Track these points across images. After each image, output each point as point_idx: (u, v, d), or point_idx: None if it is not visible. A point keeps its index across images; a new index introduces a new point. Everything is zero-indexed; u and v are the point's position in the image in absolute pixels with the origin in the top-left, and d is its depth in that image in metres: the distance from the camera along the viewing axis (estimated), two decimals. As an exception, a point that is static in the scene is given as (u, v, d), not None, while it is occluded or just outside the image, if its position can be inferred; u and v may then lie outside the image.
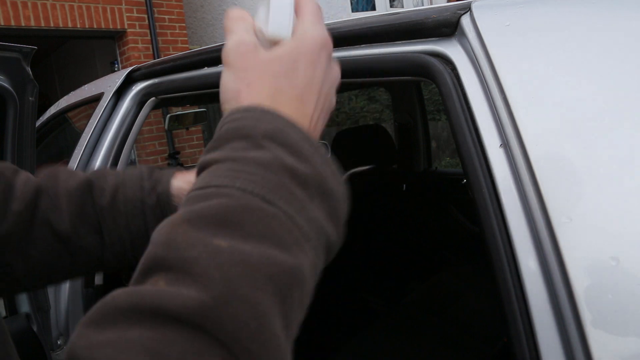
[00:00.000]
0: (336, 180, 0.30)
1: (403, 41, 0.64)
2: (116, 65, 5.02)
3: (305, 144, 0.29)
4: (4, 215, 0.48)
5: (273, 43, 0.33)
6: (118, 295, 0.22)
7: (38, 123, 1.68)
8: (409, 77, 0.63)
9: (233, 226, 0.24)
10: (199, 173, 0.29)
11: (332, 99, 0.35)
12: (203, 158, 0.29)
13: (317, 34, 0.33)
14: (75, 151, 1.18)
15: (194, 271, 0.22)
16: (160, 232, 0.25)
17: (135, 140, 1.26)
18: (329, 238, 0.29)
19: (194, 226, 0.24)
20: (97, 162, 1.13)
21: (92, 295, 1.09)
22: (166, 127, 2.23)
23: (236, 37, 0.33)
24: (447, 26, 0.59)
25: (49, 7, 4.18)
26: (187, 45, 5.17)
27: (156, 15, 4.88)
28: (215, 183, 0.26)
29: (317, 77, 0.32)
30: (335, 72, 0.35)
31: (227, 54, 0.32)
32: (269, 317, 0.23)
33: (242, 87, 0.31)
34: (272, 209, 0.25)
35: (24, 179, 0.51)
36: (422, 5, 6.22)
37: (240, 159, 0.27)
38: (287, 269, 0.24)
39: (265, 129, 0.28)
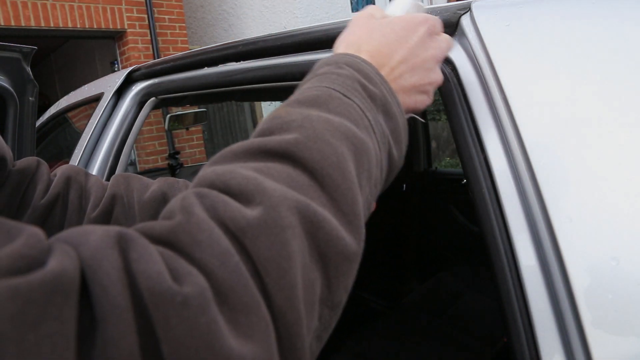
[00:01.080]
0: (399, 110, 0.37)
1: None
2: (116, 65, 5.02)
3: (375, 76, 0.36)
4: (81, 220, 0.50)
5: None
6: (234, 145, 0.29)
7: (38, 123, 1.68)
8: (409, 77, 0.63)
9: (320, 105, 0.32)
10: None
11: (432, 69, 0.42)
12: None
13: (418, 15, 0.43)
14: (75, 151, 1.18)
15: (292, 126, 0.29)
16: (268, 115, 0.32)
17: (135, 140, 1.26)
18: (392, 150, 0.36)
19: (291, 106, 0.32)
20: (97, 162, 1.13)
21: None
22: (166, 127, 2.23)
23: (363, 10, 0.44)
24: (447, 26, 0.59)
25: (49, 7, 4.18)
26: (187, 45, 5.17)
27: (156, 15, 4.88)
28: (307, 87, 0.35)
29: (409, 41, 0.40)
30: (438, 46, 0.43)
31: (353, 17, 0.44)
32: (345, 158, 0.29)
33: (345, 36, 0.42)
34: (349, 101, 0.33)
35: (97, 184, 0.52)
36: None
37: (326, 73, 0.36)
38: (358, 136, 0.31)
39: (346, 60, 0.37)
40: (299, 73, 0.74)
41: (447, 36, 0.46)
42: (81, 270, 0.19)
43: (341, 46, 0.42)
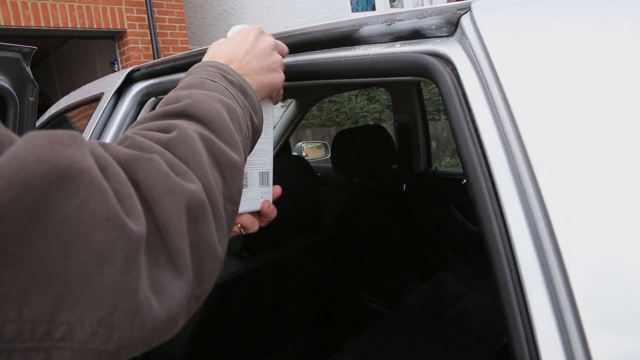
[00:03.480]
0: (252, 91, 0.54)
1: (403, 41, 0.64)
2: (116, 65, 5.03)
3: (229, 70, 0.53)
4: None
5: None
6: (145, 114, 0.45)
7: (38, 123, 1.68)
8: (409, 77, 0.63)
9: (198, 87, 0.47)
10: None
11: (271, 54, 0.61)
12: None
13: (247, 27, 0.63)
14: (75, 151, 1.18)
15: (182, 99, 0.44)
16: (163, 98, 0.46)
17: (135, 140, 1.25)
18: (252, 117, 0.52)
19: (177, 90, 0.47)
20: (97, 162, 1.13)
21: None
22: (166, 127, 2.23)
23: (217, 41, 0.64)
24: (447, 26, 0.59)
25: (49, 7, 4.18)
26: (187, 45, 5.17)
27: (156, 15, 4.88)
28: (184, 80, 0.51)
29: (247, 40, 0.59)
30: (268, 39, 0.62)
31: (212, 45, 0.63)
32: (221, 110, 0.44)
33: (206, 55, 0.60)
34: (216, 84, 0.49)
35: None
36: (422, 5, 6.22)
37: (197, 71, 0.53)
38: (226, 101, 0.47)
39: (209, 63, 0.54)
40: (299, 73, 0.74)
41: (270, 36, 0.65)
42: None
43: (203, 59, 0.59)
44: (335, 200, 1.81)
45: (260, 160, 0.64)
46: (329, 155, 1.87)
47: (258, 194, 0.62)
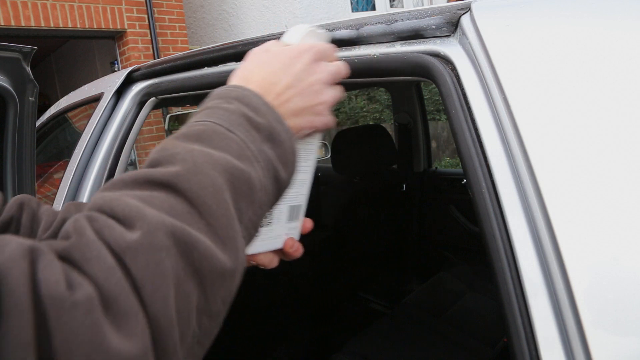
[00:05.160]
0: (287, 135, 0.41)
1: (403, 41, 0.64)
2: (116, 65, 5.03)
3: (262, 106, 0.40)
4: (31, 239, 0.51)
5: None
6: (125, 174, 0.33)
7: (38, 123, 1.68)
8: (409, 77, 0.63)
9: (204, 140, 0.36)
10: None
11: (321, 92, 0.45)
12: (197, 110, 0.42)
13: (304, 44, 0.47)
14: (75, 151, 1.18)
15: (175, 159, 0.34)
16: (158, 145, 0.36)
17: (135, 140, 1.26)
18: (278, 173, 0.40)
19: (178, 139, 0.36)
20: (97, 162, 1.13)
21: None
22: (166, 127, 2.23)
23: (261, 45, 0.49)
24: (447, 26, 0.59)
25: (49, 7, 4.18)
26: (187, 45, 5.17)
27: (156, 15, 4.88)
28: (195, 120, 0.39)
29: (294, 68, 0.44)
30: (325, 70, 0.46)
31: (250, 52, 0.49)
32: (222, 189, 0.34)
33: (239, 69, 0.47)
34: (232, 135, 0.37)
35: (48, 210, 0.55)
36: (422, 5, 6.22)
37: (214, 107, 0.40)
38: (238, 168, 0.36)
39: (235, 94, 0.41)
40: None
41: (338, 62, 0.49)
42: None
43: (234, 79, 0.46)
44: (335, 200, 1.81)
45: (293, 192, 0.54)
46: (329, 155, 1.87)
47: (282, 230, 0.54)
